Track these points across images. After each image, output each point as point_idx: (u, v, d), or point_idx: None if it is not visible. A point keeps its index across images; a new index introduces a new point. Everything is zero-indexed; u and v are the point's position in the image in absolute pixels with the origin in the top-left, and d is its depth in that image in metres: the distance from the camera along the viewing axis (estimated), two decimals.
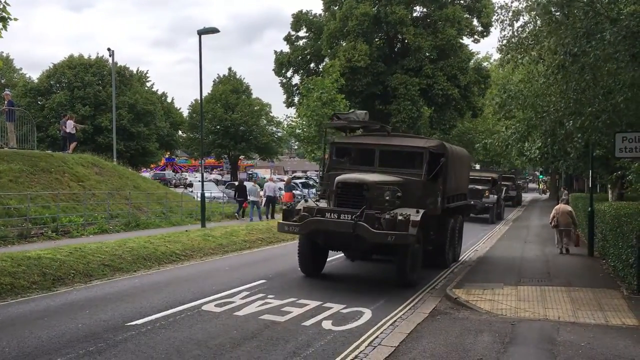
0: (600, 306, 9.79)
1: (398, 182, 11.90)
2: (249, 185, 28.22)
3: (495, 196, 29.85)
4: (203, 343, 7.41)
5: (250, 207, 25.62)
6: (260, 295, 10.36)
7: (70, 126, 23.36)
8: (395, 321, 8.82)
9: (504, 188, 35.94)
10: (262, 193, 26.35)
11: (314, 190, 35.46)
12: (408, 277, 11.42)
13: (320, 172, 15.55)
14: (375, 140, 13.37)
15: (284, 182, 30.24)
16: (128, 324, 8.18)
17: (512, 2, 11.58)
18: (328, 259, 13.30)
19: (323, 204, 12.06)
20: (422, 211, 11.26)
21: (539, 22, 11.31)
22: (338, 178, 11.63)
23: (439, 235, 13.55)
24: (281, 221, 11.81)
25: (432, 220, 12.51)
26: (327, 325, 8.46)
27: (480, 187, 29.21)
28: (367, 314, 9.18)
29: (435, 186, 12.59)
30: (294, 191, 28.39)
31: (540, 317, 9.11)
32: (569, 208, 17.51)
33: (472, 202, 27.51)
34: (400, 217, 10.64)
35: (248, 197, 25.75)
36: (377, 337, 7.88)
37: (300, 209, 11.74)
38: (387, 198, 11.21)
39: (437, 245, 13.53)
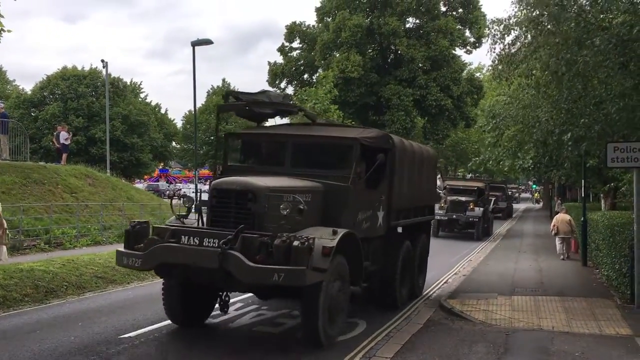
0: (594, 316, 9.81)
1: (311, 189, 8.23)
2: None
3: (482, 209, 26.14)
4: (197, 356, 7.37)
5: None
6: (254, 306, 10.32)
7: (63, 137, 23.31)
8: (389, 332, 8.81)
9: (493, 199, 32.61)
10: None
11: None
12: (320, 334, 7.45)
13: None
14: (288, 131, 9.85)
15: None
16: (121, 336, 8.13)
17: (506, 19, 11.65)
18: None
19: (194, 222, 8.22)
20: (342, 232, 7.55)
21: (529, 36, 11.41)
22: (214, 183, 8.05)
23: (384, 265, 9.79)
24: (121, 249, 7.89)
25: (370, 244, 9.19)
26: None
27: (463, 199, 26.17)
28: (362, 324, 9.15)
29: (374, 195, 9.16)
30: None
31: (534, 327, 9.12)
32: (569, 217, 18.42)
33: (455, 217, 25.46)
34: (296, 243, 6.86)
35: None
36: (371, 348, 7.86)
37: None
38: (285, 213, 7.37)
39: (380, 280, 9.77)
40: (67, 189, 20.18)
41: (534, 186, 76.81)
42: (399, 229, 10.76)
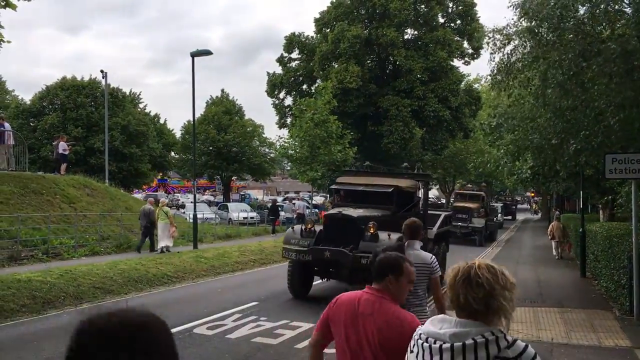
0: (593, 327, 9.79)
1: None
2: (287, 204, 33.86)
3: (397, 235, 10.50)
4: None
5: (287, 224, 28.90)
6: (253, 317, 10.29)
7: (62, 147, 23.30)
8: None
9: (442, 214, 16.67)
10: (297, 210, 30.70)
11: (307, 211, 35.60)
12: None
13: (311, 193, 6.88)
14: None
15: (320, 203, 35.55)
16: None
17: (506, 27, 11.70)
18: (319, 282, 12.67)
19: None
20: None
21: (528, 46, 11.46)
22: None
23: None
24: None
25: None
26: None
27: (355, 215, 11.78)
28: None
29: None
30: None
31: (533, 338, 9.08)
32: (562, 225, 22.13)
33: (328, 255, 11.06)
34: None
35: (284, 215, 30.62)
36: None
37: None
38: None
39: None
40: (66, 199, 20.16)
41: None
42: None
